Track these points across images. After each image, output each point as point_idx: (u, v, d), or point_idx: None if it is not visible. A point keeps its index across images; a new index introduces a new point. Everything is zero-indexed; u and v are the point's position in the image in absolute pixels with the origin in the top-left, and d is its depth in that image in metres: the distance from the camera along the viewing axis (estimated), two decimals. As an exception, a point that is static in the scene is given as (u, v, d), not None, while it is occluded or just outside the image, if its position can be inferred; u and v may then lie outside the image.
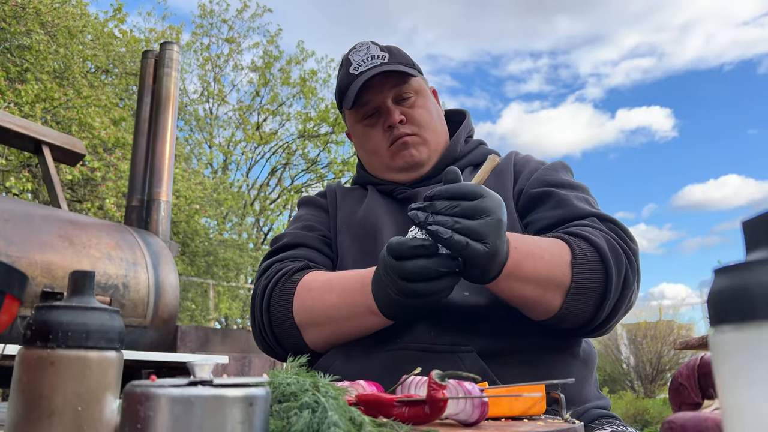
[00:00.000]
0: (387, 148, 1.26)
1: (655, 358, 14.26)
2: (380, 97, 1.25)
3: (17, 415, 0.48)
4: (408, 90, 1.26)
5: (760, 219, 0.35)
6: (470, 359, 0.99)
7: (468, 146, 1.33)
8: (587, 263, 0.97)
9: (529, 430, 0.63)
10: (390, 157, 1.27)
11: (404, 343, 1.04)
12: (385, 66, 1.23)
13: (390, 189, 1.29)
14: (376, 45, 1.27)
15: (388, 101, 1.25)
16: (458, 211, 0.83)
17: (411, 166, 1.26)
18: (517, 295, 0.97)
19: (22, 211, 3.01)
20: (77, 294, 0.52)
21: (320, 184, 17.81)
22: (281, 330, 1.12)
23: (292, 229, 1.31)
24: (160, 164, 4.23)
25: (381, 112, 1.26)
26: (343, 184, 1.44)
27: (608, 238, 1.02)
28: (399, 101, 1.26)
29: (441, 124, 1.32)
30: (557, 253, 0.98)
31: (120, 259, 3.30)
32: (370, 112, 1.27)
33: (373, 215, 1.25)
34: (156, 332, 3.48)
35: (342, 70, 1.29)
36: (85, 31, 11.03)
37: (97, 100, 10.23)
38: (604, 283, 0.98)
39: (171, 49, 4.50)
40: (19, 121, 3.76)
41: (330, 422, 0.48)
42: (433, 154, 1.28)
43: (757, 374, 0.32)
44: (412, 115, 1.25)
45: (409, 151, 1.25)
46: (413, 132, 1.25)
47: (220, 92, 17.56)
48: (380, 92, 1.24)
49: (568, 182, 1.18)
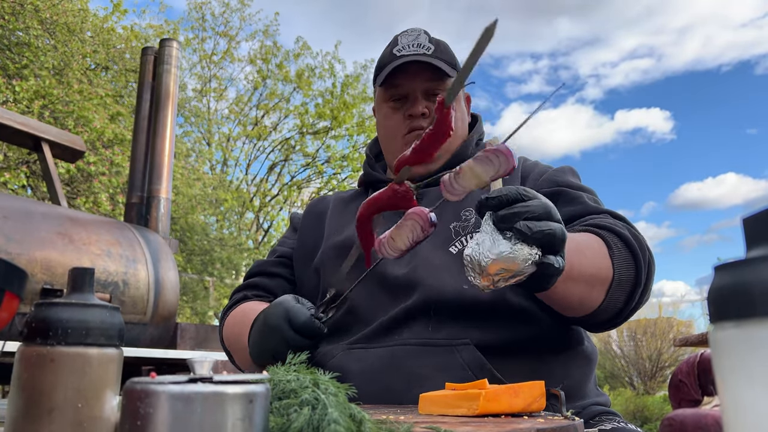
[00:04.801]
0: (403, 136, 1.26)
1: (655, 355, 14.28)
2: (412, 85, 1.25)
3: (17, 412, 0.48)
4: (441, 87, 1.25)
5: (760, 216, 0.35)
6: (467, 351, 1.00)
7: (479, 148, 1.34)
8: (621, 255, 0.97)
9: (529, 427, 0.63)
10: (403, 145, 1.26)
11: (403, 339, 1.05)
12: (427, 57, 1.22)
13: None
14: (427, 35, 1.27)
15: (418, 92, 1.24)
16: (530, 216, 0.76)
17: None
18: (566, 296, 0.93)
19: (21, 208, 3.01)
20: (77, 291, 0.52)
21: (320, 179, 17.80)
22: (227, 352, 1.31)
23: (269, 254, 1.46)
24: (159, 161, 4.23)
25: (408, 99, 1.26)
26: (346, 193, 1.44)
27: (629, 229, 1.02)
28: (428, 95, 1.25)
29: (462, 129, 1.33)
30: (596, 247, 0.97)
31: (120, 256, 3.30)
32: (398, 95, 1.27)
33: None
34: (156, 329, 3.48)
35: (387, 48, 1.30)
36: (85, 28, 11.00)
37: (94, 95, 10.21)
38: (636, 273, 0.98)
39: (170, 45, 4.49)
40: (19, 118, 3.76)
41: (330, 419, 0.48)
42: (445, 154, 1.28)
43: (756, 371, 0.32)
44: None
45: None
46: None
47: (217, 88, 17.53)
48: (413, 80, 1.24)
49: (577, 184, 1.18)
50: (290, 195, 17.58)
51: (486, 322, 1.02)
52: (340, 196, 1.42)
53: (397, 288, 1.12)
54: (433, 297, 1.06)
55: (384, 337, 1.07)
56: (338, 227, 1.31)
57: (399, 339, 1.05)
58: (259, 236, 17.39)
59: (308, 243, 1.34)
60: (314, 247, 1.32)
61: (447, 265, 1.09)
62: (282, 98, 17.37)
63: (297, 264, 1.35)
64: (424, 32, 1.28)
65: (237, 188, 16.52)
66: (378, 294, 1.14)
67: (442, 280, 1.07)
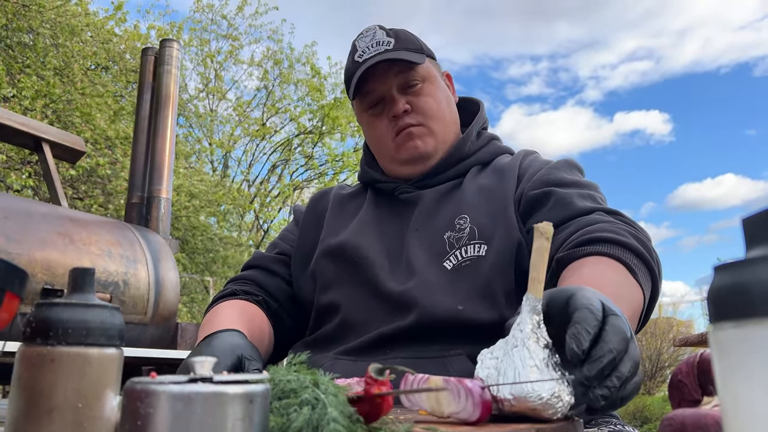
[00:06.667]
0: (392, 139, 1.20)
1: (655, 355, 14.27)
2: (384, 86, 1.19)
3: (17, 412, 0.48)
4: (414, 77, 1.18)
5: (760, 216, 0.35)
6: (459, 361, 0.98)
7: (479, 141, 1.27)
8: (643, 275, 0.91)
9: (529, 427, 0.63)
10: (395, 149, 1.21)
11: (394, 353, 1.03)
12: (389, 53, 1.16)
13: (392, 188, 1.25)
14: (382, 30, 1.21)
15: (393, 90, 1.18)
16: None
17: (416, 158, 1.21)
18: None
19: (22, 208, 3.01)
20: (77, 291, 0.52)
21: (318, 179, 17.77)
22: None
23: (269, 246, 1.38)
24: (160, 161, 4.23)
25: (386, 102, 1.20)
26: (346, 189, 1.38)
27: (630, 231, 0.96)
28: (405, 89, 1.19)
29: (451, 112, 1.25)
30: (625, 282, 0.89)
31: (120, 256, 3.30)
32: (375, 101, 1.21)
33: (357, 238, 1.19)
34: (156, 329, 3.48)
35: (348, 57, 1.23)
36: (86, 30, 11.02)
37: (96, 93, 10.23)
38: (653, 286, 0.94)
39: (171, 46, 4.49)
40: (19, 118, 3.76)
41: (330, 418, 0.48)
42: (441, 146, 1.22)
43: (756, 371, 0.32)
44: (418, 104, 1.19)
45: (414, 143, 1.19)
46: (419, 122, 1.19)
47: (219, 89, 17.50)
48: (384, 81, 1.18)
49: (572, 180, 1.10)
50: (289, 195, 17.57)
51: (481, 336, 1.00)
52: (339, 194, 1.36)
53: (393, 304, 1.08)
54: (428, 319, 1.03)
55: (374, 351, 1.05)
56: (334, 229, 1.26)
57: (390, 354, 1.03)
58: (259, 236, 17.38)
59: (306, 244, 1.30)
60: (311, 249, 1.28)
61: (442, 284, 1.06)
62: (282, 99, 17.35)
63: (294, 265, 1.31)
64: (379, 27, 1.21)
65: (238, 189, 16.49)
66: (373, 307, 1.11)
67: (437, 301, 1.04)
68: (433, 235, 1.13)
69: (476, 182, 1.19)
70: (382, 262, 1.14)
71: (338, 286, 1.18)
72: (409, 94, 1.19)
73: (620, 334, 0.60)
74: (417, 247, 1.13)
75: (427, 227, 1.15)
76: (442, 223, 1.13)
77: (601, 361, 0.58)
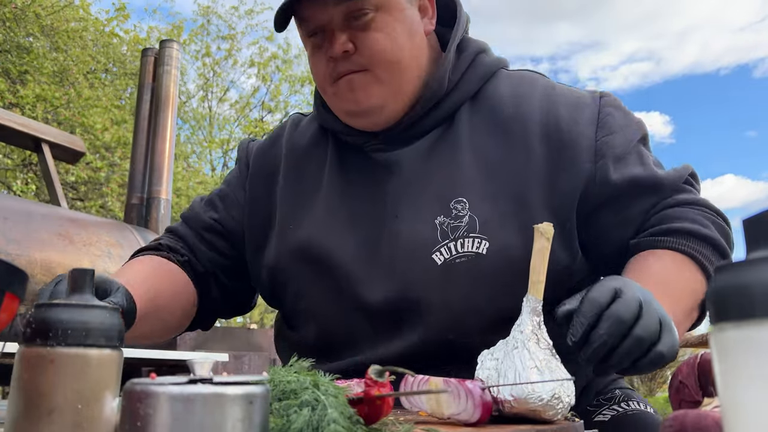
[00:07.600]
0: (330, 85, 0.95)
1: (655, 356, 14.24)
2: (324, 15, 0.91)
3: (17, 413, 0.48)
4: (364, 4, 0.89)
5: (761, 217, 0.35)
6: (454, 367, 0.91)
7: (460, 63, 0.99)
8: (711, 261, 0.90)
9: (529, 428, 0.63)
10: (334, 97, 0.96)
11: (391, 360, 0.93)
12: None
13: (360, 143, 1.00)
14: None
15: (333, 22, 0.91)
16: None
17: (357, 113, 0.96)
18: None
19: (21, 208, 3.01)
20: (77, 292, 0.52)
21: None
22: None
23: (208, 196, 1.16)
24: (160, 162, 4.23)
25: (326, 34, 0.93)
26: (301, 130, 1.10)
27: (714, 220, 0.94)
28: (349, 20, 0.90)
29: (415, 50, 0.95)
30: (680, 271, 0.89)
31: (120, 257, 3.30)
32: (313, 30, 0.94)
33: (325, 235, 0.97)
34: (156, 330, 3.48)
35: None
36: (86, 34, 11.02)
37: (97, 101, 10.25)
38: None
39: (171, 47, 4.49)
40: (19, 119, 3.76)
41: (330, 419, 0.48)
42: (394, 97, 0.94)
43: (756, 372, 0.32)
44: (364, 42, 0.91)
45: (354, 95, 0.93)
46: (362, 67, 0.92)
47: (220, 89, 17.52)
48: (323, 8, 0.90)
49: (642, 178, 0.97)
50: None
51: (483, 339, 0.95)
52: (293, 141, 1.09)
53: (378, 318, 0.94)
54: (419, 341, 0.91)
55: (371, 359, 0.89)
56: (293, 210, 1.03)
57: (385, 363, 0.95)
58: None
59: (257, 223, 1.07)
60: (265, 230, 1.06)
61: (429, 289, 0.90)
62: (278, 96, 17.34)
63: (248, 248, 1.08)
64: None
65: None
66: (356, 322, 0.96)
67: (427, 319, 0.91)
68: (419, 222, 0.93)
69: (475, 140, 0.95)
70: (358, 266, 0.95)
71: (309, 295, 1.00)
72: (355, 28, 0.91)
73: (611, 319, 0.65)
74: (398, 240, 0.93)
75: (412, 212, 0.94)
76: (432, 205, 0.93)
77: (591, 346, 0.64)
